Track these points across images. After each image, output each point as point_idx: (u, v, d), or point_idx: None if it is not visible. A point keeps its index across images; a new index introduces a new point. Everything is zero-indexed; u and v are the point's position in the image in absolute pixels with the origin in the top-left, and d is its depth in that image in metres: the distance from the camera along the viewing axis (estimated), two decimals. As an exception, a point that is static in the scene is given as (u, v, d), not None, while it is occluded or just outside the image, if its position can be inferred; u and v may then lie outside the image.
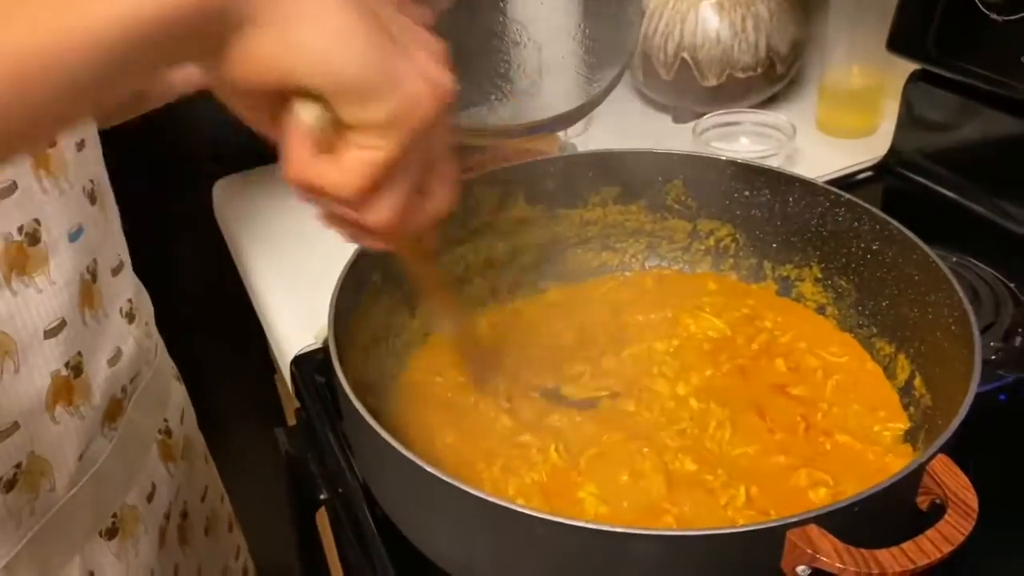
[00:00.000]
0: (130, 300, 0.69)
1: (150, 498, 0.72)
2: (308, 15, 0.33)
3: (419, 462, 0.47)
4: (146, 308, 0.75)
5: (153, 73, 0.34)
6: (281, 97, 0.37)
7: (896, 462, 0.59)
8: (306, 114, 0.36)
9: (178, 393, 0.81)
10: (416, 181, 0.40)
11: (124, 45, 0.31)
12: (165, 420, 0.76)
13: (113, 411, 0.66)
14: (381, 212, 0.39)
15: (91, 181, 0.64)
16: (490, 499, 0.45)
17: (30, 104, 0.31)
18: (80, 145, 0.62)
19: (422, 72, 0.37)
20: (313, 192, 0.38)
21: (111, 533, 0.67)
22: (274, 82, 0.35)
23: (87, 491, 0.64)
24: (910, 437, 0.62)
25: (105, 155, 0.68)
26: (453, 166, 0.42)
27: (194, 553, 0.80)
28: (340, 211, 0.40)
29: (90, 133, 0.64)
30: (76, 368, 0.61)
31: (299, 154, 0.37)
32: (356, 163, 0.37)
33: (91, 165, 0.64)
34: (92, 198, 0.64)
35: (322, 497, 0.68)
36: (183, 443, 0.80)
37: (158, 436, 0.74)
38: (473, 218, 0.74)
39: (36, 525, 0.60)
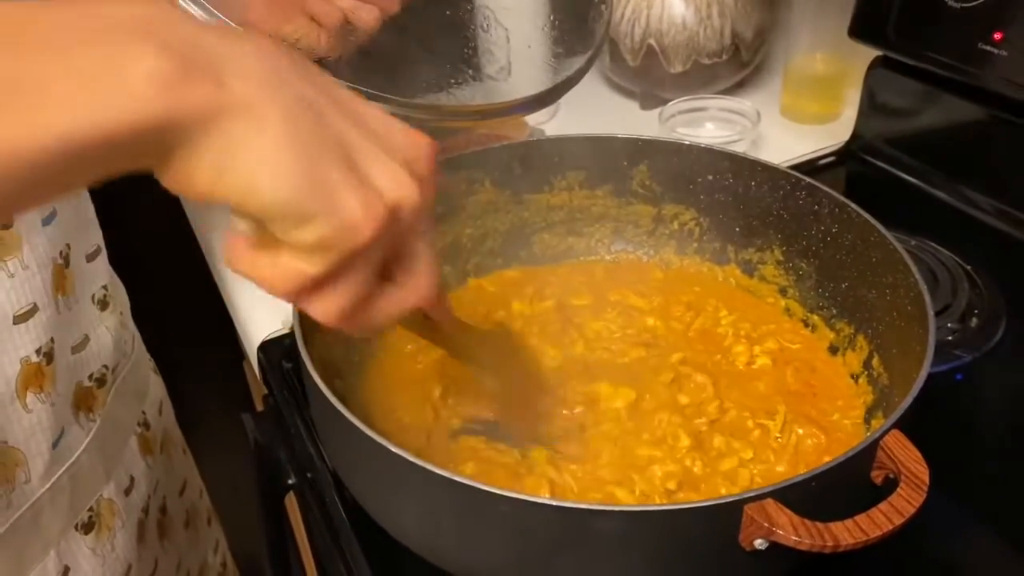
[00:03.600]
0: (104, 287, 0.68)
1: (128, 491, 0.71)
2: (240, 142, 0.33)
3: (381, 440, 0.47)
4: (121, 299, 0.74)
5: (86, 180, 0.33)
6: None
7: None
8: (240, 223, 0.37)
9: (156, 386, 0.81)
10: (367, 281, 0.38)
11: (58, 159, 0.30)
12: (143, 413, 0.75)
13: (87, 400, 0.65)
14: (322, 310, 0.38)
15: None
16: (454, 477, 0.46)
17: None
18: None
19: (368, 194, 0.35)
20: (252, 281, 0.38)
21: (87, 527, 0.66)
22: (207, 199, 0.34)
23: (63, 483, 0.63)
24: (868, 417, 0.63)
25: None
26: (428, 259, 0.41)
27: (173, 548, 0.79)
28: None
29: None
30: (48, 355, 0.61)
31: (235, 248, 0.37)
32: (289, 268, 0.36)
33: None
34: None
35: (290, 482, 0.68)
36: (162, 436, 0.79)
37: (137, 429, 0.74)
38: (439, 203, 0.74)
39: (12, 518, 0.59)
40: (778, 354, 0.69)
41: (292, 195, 0.34)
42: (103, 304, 0.68)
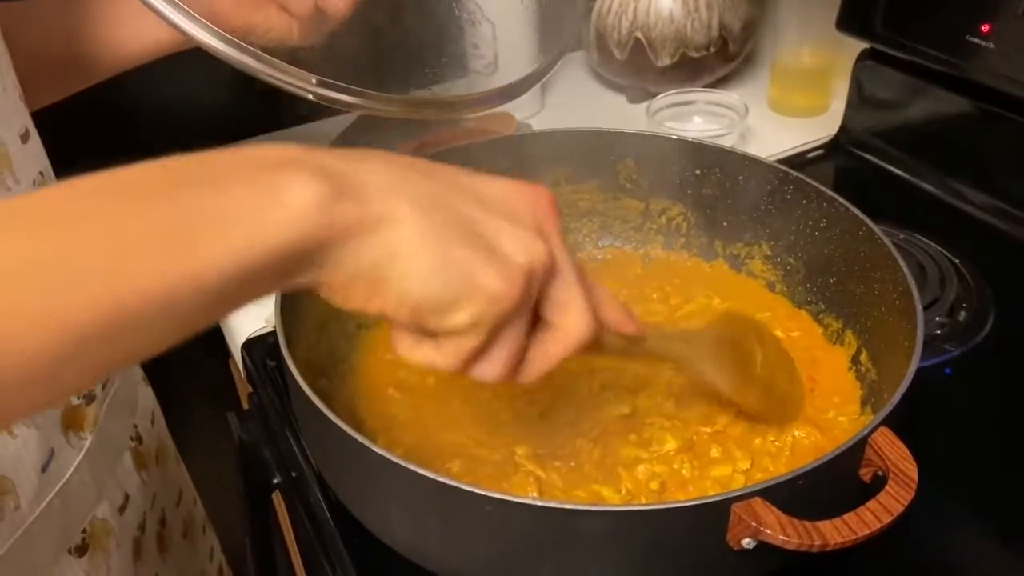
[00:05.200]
0: None
1: (122, 509, 0.69)
2: (384, 254, 0.36)
3: (362, 440, 0.47)
4: None
5: (253, 300, 0.36)
6: None
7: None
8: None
9: (146, 397, 0.79)
10: (522, 336, 0.41)
11: (230, 283, 0.33)
12: (135, 426, 0.74)
13: (76, 419, 0.63)
14: (488, 372, 0.41)
15: (41, 173, 0.61)
16: (437, 478, 0.45)
17: (131, 339, 0.33)
18: (24, 137, 0.60)
19: (502, 265, 0.38)
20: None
21: (81, 550, 0.64)
22: (357, 309, 0.38)
23: (55, 507, 0.61)
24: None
25: (50, 135, 0.66)
26: (576, 301, 0.42)
27: (173, 560, 0.78)
28: None
29: (30, 122, 0.61)
30: None
31: (402, 342, 0.41)
32: (452, 349, 0.40)
33: (38, 156, 0.62)
34: None
35: (275, 481, 0.68)
36: (156, 448, 0.78)
37: (130, 443, 0.72)
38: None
39: (3, 547, 0.57)
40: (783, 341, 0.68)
41: (437, 290, 0.37)
42: None
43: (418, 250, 0.37)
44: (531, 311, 0.41)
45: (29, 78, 0.62)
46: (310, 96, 0.64)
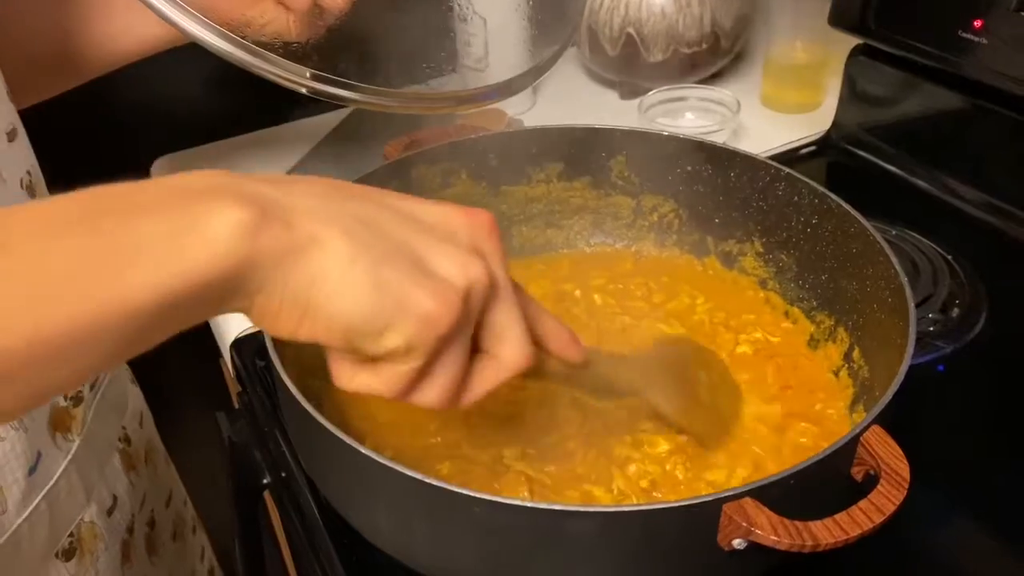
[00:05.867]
0: None
1: (110, 512, 0.68)
2: (314, 273, 0.36)
3: (350, 441, 0.46)
4: None
5: (179, 328, 0.36)
6: None
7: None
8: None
9: (135, 398, 0.78)
10: (462, 361, 0.41)
11: (155, 313, 0.33)
12: (123, 428, 0.73)
13: (64, 420, 0.63)
14: (429, 397, 0.41)
15: (28, 173, 0.61)
16: (426, 479, 0.45)
17: (59, 367, 0.33)
18: (11, 135, 0.59)
19: (437, 286, 0.38)
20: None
21: (68, 553, 0.63)
22: (289, 338, 0.38)
23: (42, 510, 0.60)
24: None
25: (37, 135, 0.65)
26: (514, 326, 0.42)
27: (162, 562, 0.77)
28: None
29: (17, 120, 0.60)
30: None
31: (340, 371, 0.41)
32: (391, 374, 0.39)
33: (26, 156, 0.61)
34: (31, 191, 0.61)
35: (265, 482, 0.67)
36: (145, 449, 0.77)
37: (119, 445, 0.71)
38: (415, 196, 0.72)
39: None
40: (763, 344, 0.68)
41: (368, 313, 0.36)
42: None
43: (347, 273, 0.36)
44: (470, 334, 0.41)
45: (17, 75, 0.61)
46: (304, 90, 0.64)
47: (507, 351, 0.42)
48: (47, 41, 0.71)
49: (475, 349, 0.42)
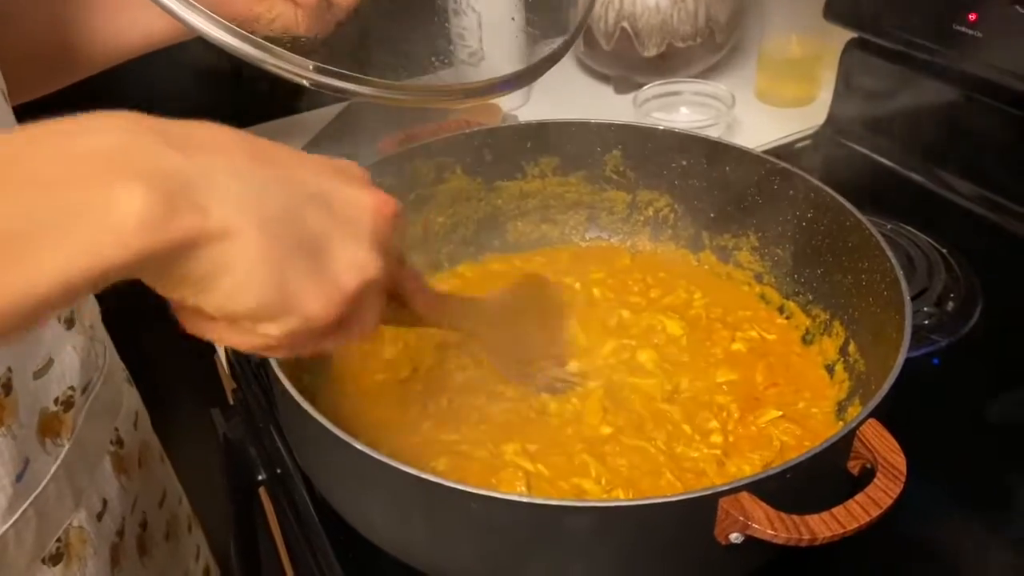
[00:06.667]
0: None
1: (100, 516, 0.67)
2: (221, 266, 0.36)
3: (346, 437, 0.46)
4: (89, 310, 0.69)
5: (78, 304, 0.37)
6: None
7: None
8: None
9: (131, 397, 0.76)
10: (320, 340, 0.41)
11: (56, 295, 0.33)
12: (116, 429, 0.72)
13: (53, 426, 0.61)
14: (278, 354, 0.42)
15: None
16: (422, 475, 0.44)
17: None
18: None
19: (329, 289, 0.39)
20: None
21: (55, 559, 0.62)
22: (175, 303, 0.38)
23: (29, 516, 0.59)
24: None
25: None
26: (375, 309, 0.43)
27: (154, 563, 0.76)
28: None
29: (11, 121, 0.59)
30: (6, 386, 0.56)
31: (194, 322, 0.40)
32: (256, 339, 0.40)
33: None
34: None
35: (260, 478, 0.67)
36: (139, 450, 0.76)
37: (110, 448, 0.70)
38: (410, 191, 0.73)
39: None
40: (757, 343, 0.68)
41: (258, 306, 0.37)
42: (69, 323, 0.63)
43: (252, 270, 0.36)
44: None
45: (15, 69, 0.60)
46: (306, 82, 0.63)
47: (357, 329, 0.42)
48: (50, 35, 0.71)
49: None
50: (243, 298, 0.37)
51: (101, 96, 0.97)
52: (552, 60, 0.77)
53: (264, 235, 0.36)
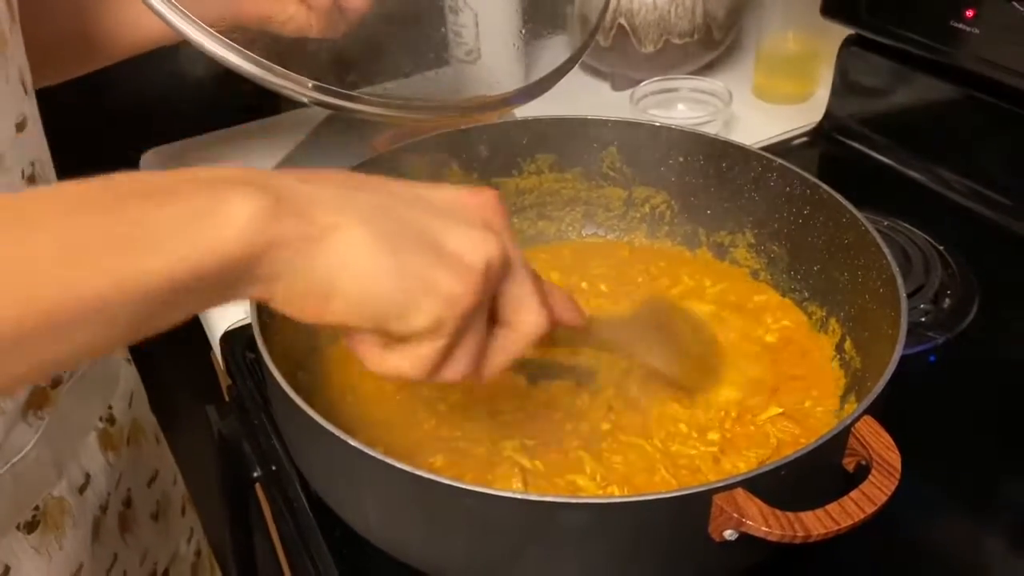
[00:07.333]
0: None
1: (82, 489, 0.68)
2: (334, 265, 0.37)
3: (340, 433, 0.46)
4: None
5: (198, 309, 0.37)
6: None
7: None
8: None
9: (128, 377, 0.78)
10: (482, 334, 0.42)
11: (169, 293, 0.34)
12: (109, 407, 0.73)
13: (38, 400, 0.63)
14: (454, 373, 0.42)
15: (32, 164, 0.60)
16: (417, 472, 0.44)
17: (70, 340, 0.34)
18: (20, 125, 0.58)
19: (456, 265, 0.39)
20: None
21: (31, 527, 0.63)
22: (317, 322, 0.39)
23: (6, 482, 0.60)
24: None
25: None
26: (531, 296, 0.43)
27: (137, 541, 0.77)
28: None
29: (31, 111, 0.60)
30: None
31: (369, 355, 0.42)
32: (418, 355, 0.40)
33: (32, 146, 0.60)
34: (32, 181, 0.60)
35: (255, 475, 0.67)
36: (130, 428, 0.77)
37: (99, 424, 0.71)
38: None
39: None
40: (788, 331, 0.68)
41: (393, 294, 0.38)
42: None
43: (369, 257, 0.37)
44: (488, 308, 0.42)
45: (39, 57, 0.61)
46: (305, 100, 0.64)
47: (526, 319, 0.43)
48: (75, 24, 0.72)
49: (492, 322, 0.43)
50: (372, 288, 0.37)
51: (97, 92, 0.97)
52: (562, 71, 0.77)
53: (372, 227, 0.37)
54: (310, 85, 0.63)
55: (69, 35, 0.72)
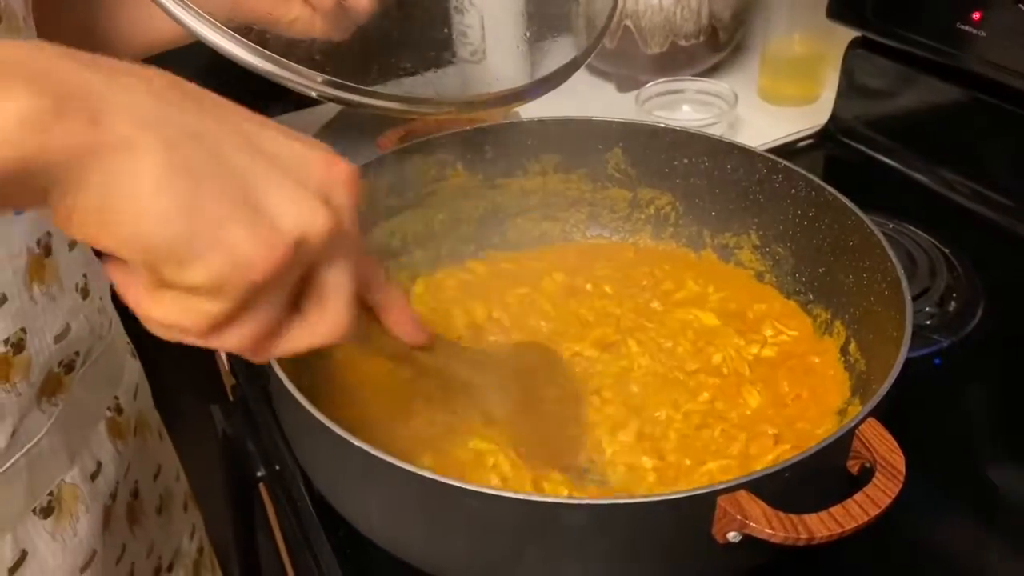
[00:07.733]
0: (84, 275, 0.67)
1: (94, 476, 0.69)
2: (118, 182, 0.32)
3: (342, 432, 0.46)
4: (100, 283, 0.71)
5: None
6: None
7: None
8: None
9: (133, 370, 0.79)
10: (275, 314, 0.37)
11: None
12: (116, 398, 0.74)
13: (52, 386, 0.64)
14: (230, 343, 0.37)
15: None
16: (422, 473, 0.44)
17: None
18: None
19: (262, 228, 0.33)
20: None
21: (46, 511, 0.64)
22: (92, 245, 0.33)
23: (20, 467, 0.61)
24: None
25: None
26: (340, 295, 0.38)
27: (144, 533, 0.78)
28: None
29: None
30: (17, 345, 0.59)
31: (137, 297, 0.36)
32: (197, 310, 0.35)
33: None
34: None
35: (259, 475, 0.67)
36: (135, 420, 0.78)
37: (108, 413, 0.72)
38: (410, 188, 0.72)
39: None
40: (787, 343, 0.67)
41: (174, 236, 0.32)
42: (84, 292, 0.66)
43: (154, 188, 0.32)
44: (291, 286, 0.37)
45: None
46: (315, 94, 0.64)
47: (322, 318, 0.38)
48: (89, 24, 0.72)
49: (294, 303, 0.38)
50: (148, 223, 0.32)
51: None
52: (572, 67, 0.77)
53: (172, 153, 0.32)
54: (319, 79, 0.63)
55: (81, 35, 0.72)
